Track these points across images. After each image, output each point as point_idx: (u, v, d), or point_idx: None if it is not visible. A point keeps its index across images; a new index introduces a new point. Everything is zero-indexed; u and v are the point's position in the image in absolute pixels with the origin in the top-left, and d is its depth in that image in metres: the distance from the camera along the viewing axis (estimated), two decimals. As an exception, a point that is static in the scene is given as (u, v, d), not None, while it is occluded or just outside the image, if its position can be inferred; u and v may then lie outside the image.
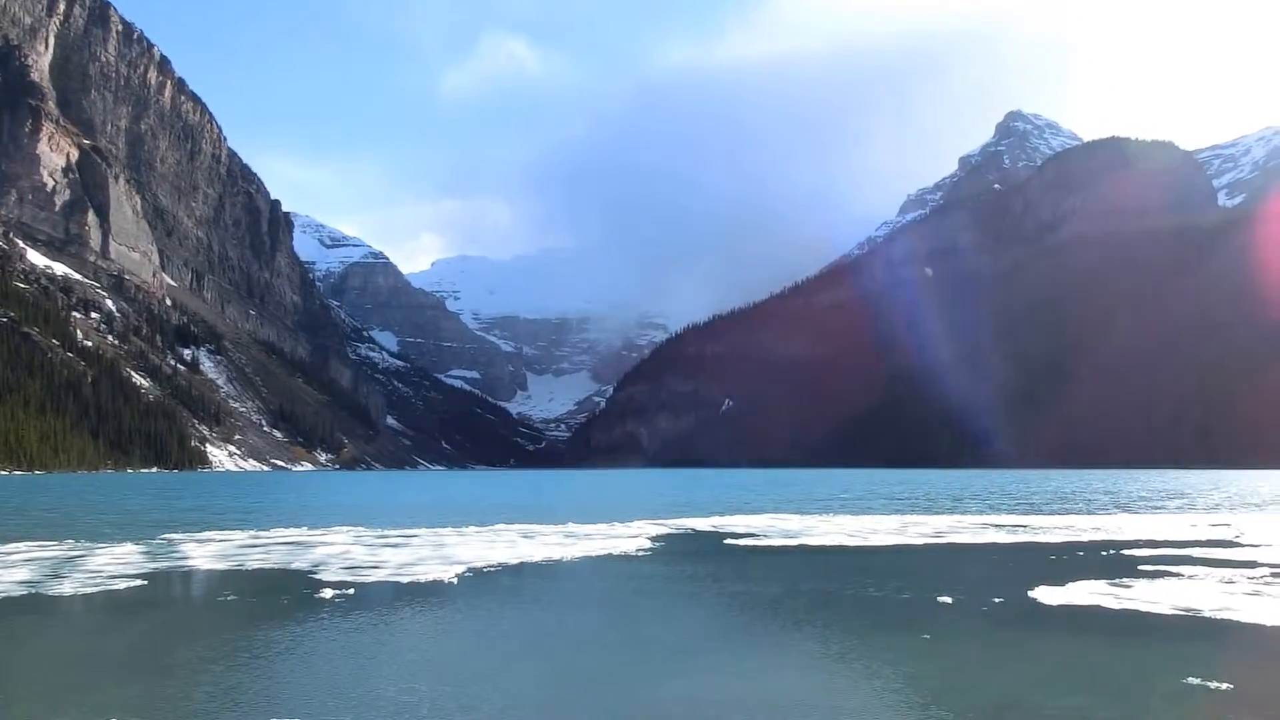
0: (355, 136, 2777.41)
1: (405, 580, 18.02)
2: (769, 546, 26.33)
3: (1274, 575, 18.03)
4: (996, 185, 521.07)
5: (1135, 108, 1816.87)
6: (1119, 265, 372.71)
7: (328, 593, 16.28)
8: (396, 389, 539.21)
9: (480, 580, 18.56)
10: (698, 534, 31.24)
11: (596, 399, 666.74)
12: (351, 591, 16.60)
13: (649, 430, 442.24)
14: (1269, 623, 12.92)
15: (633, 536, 28.35)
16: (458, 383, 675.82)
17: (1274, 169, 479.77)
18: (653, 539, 27.97)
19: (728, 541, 27.83)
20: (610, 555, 23.41)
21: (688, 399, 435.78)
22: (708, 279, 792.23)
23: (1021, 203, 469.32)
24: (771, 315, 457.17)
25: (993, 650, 12.28)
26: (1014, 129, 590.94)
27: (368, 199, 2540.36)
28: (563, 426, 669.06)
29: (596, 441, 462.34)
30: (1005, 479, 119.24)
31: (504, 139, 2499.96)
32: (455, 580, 18.14)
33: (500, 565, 20.78)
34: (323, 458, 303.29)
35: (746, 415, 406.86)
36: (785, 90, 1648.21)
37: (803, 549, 25.69)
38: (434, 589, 17.22)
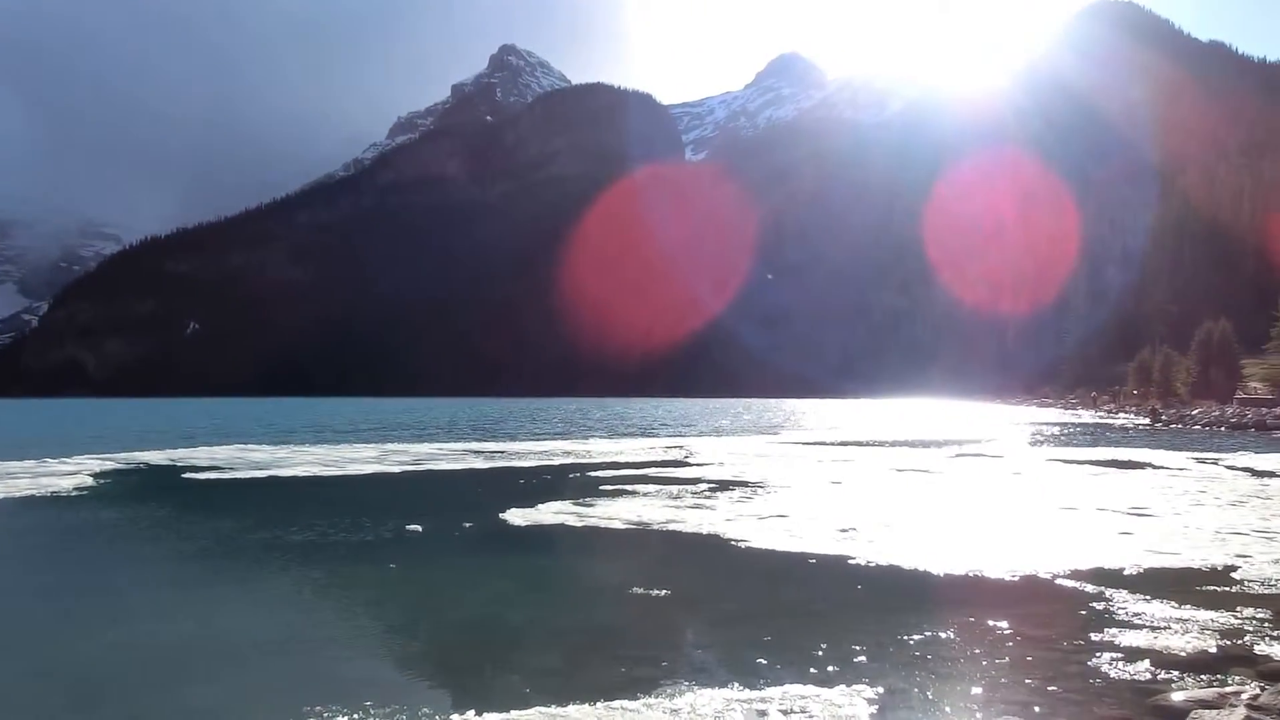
0: None
1: None
2: (234, 480, 24.63)
3: (712, 490, 20.85)
4: (489, 117, 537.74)
5: (620, 58, 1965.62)
6: (597, 204, 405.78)
7: None
8: None
9: None
10: (152, 468, 28.28)
11: (27, 317, 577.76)
12: None
13: (98, 356, 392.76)
14: (704, 531, 14.83)
15: (71, 474, 24.83)
16: None
17: (732, 130, 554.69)
18: (96, 475, 24.78)
19: (187, 476, 25.53)
20: (39, 497, 20.15)
21: (146, 321, 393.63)
22: (173, 188, 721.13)
23: (513, 136, 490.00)
24: (246, 233, 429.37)
25: (461, 573, 12.51)
26: (508, 63, 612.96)
27: None
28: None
29: (28, 367, 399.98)
30: (497, 406, 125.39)
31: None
32: None
33: (-119, 516, 16.87)
34: None
35: (216, 340, 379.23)
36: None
37: (272, 481, 24.43)
38: None
